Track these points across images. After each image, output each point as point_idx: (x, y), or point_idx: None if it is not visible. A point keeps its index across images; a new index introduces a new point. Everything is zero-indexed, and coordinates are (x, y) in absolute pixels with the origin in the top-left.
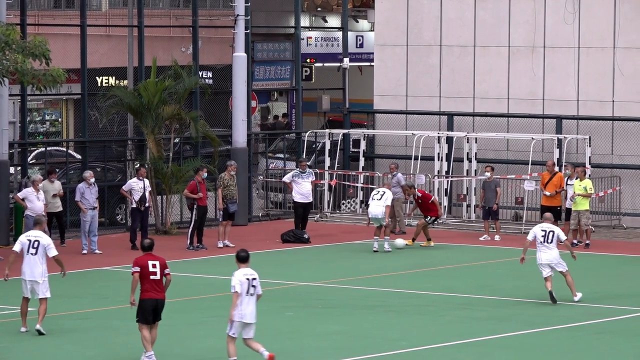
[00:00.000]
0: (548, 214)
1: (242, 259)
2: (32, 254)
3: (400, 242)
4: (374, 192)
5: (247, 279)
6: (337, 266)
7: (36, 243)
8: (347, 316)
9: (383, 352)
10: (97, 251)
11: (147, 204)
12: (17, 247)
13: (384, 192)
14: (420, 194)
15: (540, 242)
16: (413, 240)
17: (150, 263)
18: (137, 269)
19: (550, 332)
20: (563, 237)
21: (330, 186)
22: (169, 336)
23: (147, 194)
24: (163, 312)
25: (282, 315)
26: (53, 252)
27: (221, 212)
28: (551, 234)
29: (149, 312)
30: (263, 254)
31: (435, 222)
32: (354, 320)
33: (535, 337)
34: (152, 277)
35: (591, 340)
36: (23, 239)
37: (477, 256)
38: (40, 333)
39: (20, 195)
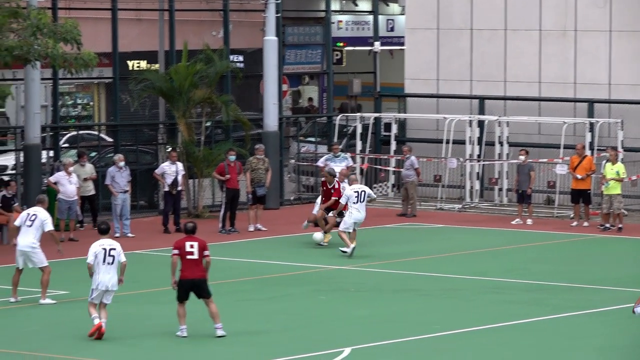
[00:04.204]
0: (353, 176)
1: (102, 231)
2: (27, 225)
3: (319, 235)
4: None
5: (104, 248)
6: (369, 250)
7: (34, 217)
8: (379, 300)
9: (413, 336)
10: (129, 234)
11: (179, 188)
12: (17, 222)
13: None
14: (337, 186)
15: (354, 202)
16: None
17: (187, 244)
18: (176, 251)
19: (581, 317)
20: (374, 195)
21: (361, 170)
22: (196, 319)
23: (179, 177)
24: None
25: (315, 299)
26: (49, 227)
27: (250, 196)
28: (363, 193)
29: (185, 291)
30: (295, 237)
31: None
32: (385, 304)
33: (565, 321)
34: (189, 257)
35: (622, 324)
36: (23, 213)
37: (509, 240)
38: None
39: (52, 179)
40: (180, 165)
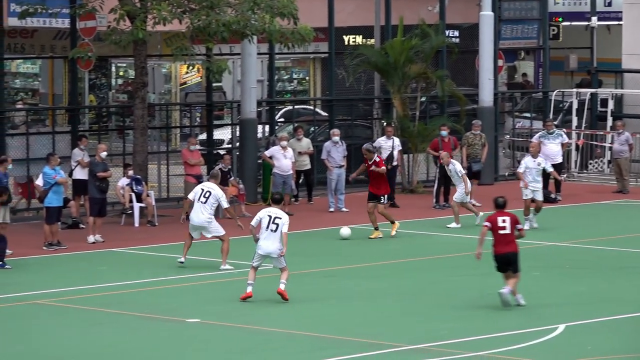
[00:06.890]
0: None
1: (275, 200)
2: (202, 202)
3: (345, 231)
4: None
5: (269, 215)
6: (585, 226)
7: (208, 193)
8: (595, 277)
9: (628, 313)
10: (343, 209)
11: (394, 163)
12: (191, 196)
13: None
14: (377, 160)
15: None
16: (376, 228)
17: (500, 219)
18: (488, 224)
19: None
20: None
21: (577, 146)
22: (414, 293)
23: (395, 152)
24: None
25: (529, 275)
26: (225, 204)
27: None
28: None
29: (502, 264)
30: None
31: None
32: (601, 281)
33: None
34: (501, 231)
35: None
36: (197, 188)
37: None
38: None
39: (267, 153)
40: (396, 140)
